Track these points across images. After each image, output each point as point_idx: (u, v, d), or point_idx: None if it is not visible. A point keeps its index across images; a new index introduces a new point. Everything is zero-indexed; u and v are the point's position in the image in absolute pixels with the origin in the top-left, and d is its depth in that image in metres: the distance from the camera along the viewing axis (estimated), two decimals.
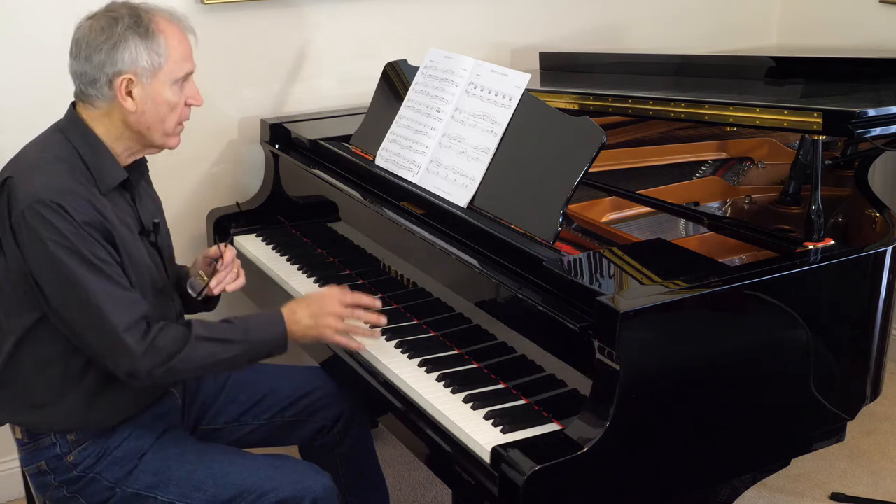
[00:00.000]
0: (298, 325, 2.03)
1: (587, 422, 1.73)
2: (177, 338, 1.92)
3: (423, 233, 2.21)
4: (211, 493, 1.98)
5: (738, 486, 2.02)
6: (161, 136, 1.99)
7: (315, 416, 2.29)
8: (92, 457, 2.01)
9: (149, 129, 1.96)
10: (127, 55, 1.90)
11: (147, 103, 1.93)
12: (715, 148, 2.82)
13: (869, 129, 2.13)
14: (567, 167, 2.03)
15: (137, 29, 1.91)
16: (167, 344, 1.90)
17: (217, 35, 2.84)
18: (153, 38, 1.92)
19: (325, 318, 2.03)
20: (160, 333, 1.90)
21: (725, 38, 3.64)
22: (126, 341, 1.86)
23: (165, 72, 1.94)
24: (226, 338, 1.96)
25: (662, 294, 1.79)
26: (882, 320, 2.05)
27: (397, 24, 3.11)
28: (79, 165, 1.92)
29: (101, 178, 1.94)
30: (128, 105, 1.92)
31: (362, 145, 2.60)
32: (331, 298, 2.06)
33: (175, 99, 1.96)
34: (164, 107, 1.95)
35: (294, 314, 2.03)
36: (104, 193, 1.94)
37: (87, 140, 1.95)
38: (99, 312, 1.85)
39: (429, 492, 2.94)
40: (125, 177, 1.99)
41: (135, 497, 2.00)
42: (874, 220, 2.25)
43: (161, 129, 1.98)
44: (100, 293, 1.85)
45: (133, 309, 1.89)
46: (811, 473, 3.02)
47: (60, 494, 2.03)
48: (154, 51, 1.92)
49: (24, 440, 2.04)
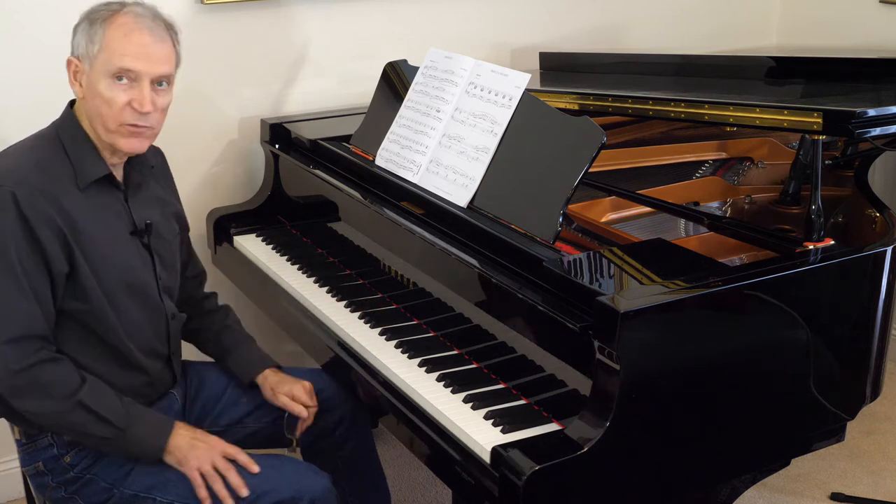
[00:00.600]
0: (177, 438, 1.98)
1: (587, 422, 1.73)
2: (62, 383, 1.89)
3: (423, 233, 2.21)
4: None
5: (738, 486, 2.02)
6: (104, 131, 1.94)
7: (317, 418, 2.27)
8: (89, 458, 2.00)
9: (93, 120, 1.95)
10: (76, 39, 1.94)
11: (88, 91, 1.93)
12: (715, 148, 2.82)
13: (869, 129, 2.13)
14: (567, 167, 2.03)
15: (92, 15, 1.92)
16: (49, 383, 1.88)
17: (217, 35, 2.84)
18: (94, 26, 1.91)
19: (201, 449, 1.98)
20: (47, 364, 1.88)
21: (725, 38, 3.64)
22: (5, 354, 1.84)
23: (100, 62, 1.90)
24: (106, 417, 1.92)
25: (662, 294, 1.78)
26: (882, 320, 2.05)
27: (397, 24, 3.11)
28: (59, 157, 1.93)
29: (82, 172, 1.94)
30: (76, 89, 1.95)
31: (362, 145, 2.60)
32: (217, 442, 2.02)
33: (109, 94, 1.90)
34: (98, 99, 1.92)
35: (179, 429, 1.99)
36: (83, 189, 1.93)
37: (74, 134, 1.96)
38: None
39: (429, 492, 2.94)
40: (105, 172, 1.97)
41: (133, 498, 1.99)
42: (874, 220, 2.25)
43: (101, 123, 1.93)
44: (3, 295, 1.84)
45: (23, 323, 1.86)
46: (811, 473, 3.02)
47: (59, 495, 2.02)
48: (90, 38, 1.91)
49: (23, 440, 2.04)
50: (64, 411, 1.89)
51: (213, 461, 1.97)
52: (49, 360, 1.89)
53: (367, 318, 2.28)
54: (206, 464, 1.97)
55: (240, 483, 1.97)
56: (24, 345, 1.87)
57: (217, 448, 2.00)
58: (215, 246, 2.87)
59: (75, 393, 1.89)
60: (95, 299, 1.95)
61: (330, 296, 2.42)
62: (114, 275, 1.97)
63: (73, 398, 1.89)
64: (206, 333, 2.30)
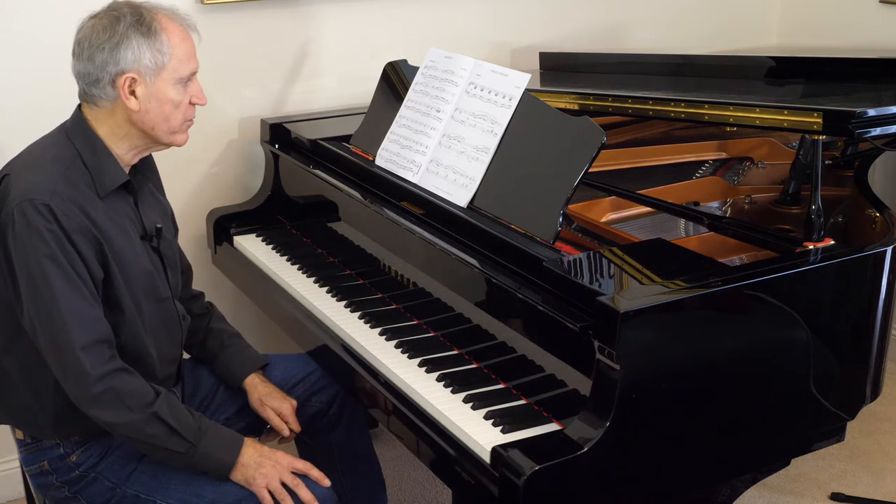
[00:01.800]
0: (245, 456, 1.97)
1: (587, 422, 1.73)
2: (138, 394, 1.89)
3: (423, 233, 2.21)
4: (210, 499, 1.98)
5: (738, 486, 2.02)
6: (167, 134, 1.98)
7: (311, 399, 2.31)
8: (95, 456, 2.01)
9: (153, 128, 1.95)
10: (130, 54, 1.89)
11: (151, 102, 1.93)
12: (715, 148, 2.82)
13: (869, 129, 2.13)
14: (567, 167, 2.03)
15: (140, 27, 1.90)
16: (126, 393, 1.88)
17: (217, 35, 2.84)
18: (156, 37, 1.91)
19: (268, 467, 1.97)
20: (122, 374, 1.88)
21: (725, 38, 3.64)
22: (81, 360, 1.84)
23: (169, 70, 1.93)
24: (180, 431, 1.91)
25: (662, 294, 1.78)
26: (882, 320, 2.05)
27: (397, 24, 3.11)
28: (78, 167, 1.92)
29: (101, 180, 1.93)
30: (131, 104, 1.91)
31: (362, 145, 2.60)
32: (284, 457, 2.01)
33: (179, 98, 1.95)
34: (169, 105, 1.94)
35: (247, 446, 1.99)
36: (102, 197, 1.93)
37: (90, 141, 1.94)
38: (62, 325, 1.83)
39: (429, 492, 2.94)
40: (125, 179, 1.98)
41: (134, 499, 1.99)
42: (874, 220, 2.24)
43: (166, 128, 1.96)
44: (66, 305, 1.84)
45: (95, 329, 1.87)
46: (811, 473, 3.02)
47: (62, 495, 2.02)
48: (157, 49, 1.91)
49: (27, 441, 2.04)
50: (141, 423, 1.88)
51: (282, 478, 1.96)
52: (123, 370, 1.89)
53: (367, 318, 2.28)
54: (274, 481, 1.95)
55: (311, 498, 1.96)
56: (97, 350, 1.86)
57: (284, 464, 1.99)
58: (215, 246, 2.87)
59: (151, 404, 1.89)
60: (127, 307, 1.96)
61: (330, 296, 2.42)
62: (137, 281, 1.98)
63: (150, 409, 1.89)
64: (192, 338, 2.28)
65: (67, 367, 1.85)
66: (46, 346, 1.87)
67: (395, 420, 2.03)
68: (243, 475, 1.96)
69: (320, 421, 2.34)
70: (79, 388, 1.86)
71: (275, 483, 1.95)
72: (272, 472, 1.96)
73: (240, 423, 2.25)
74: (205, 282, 3.01)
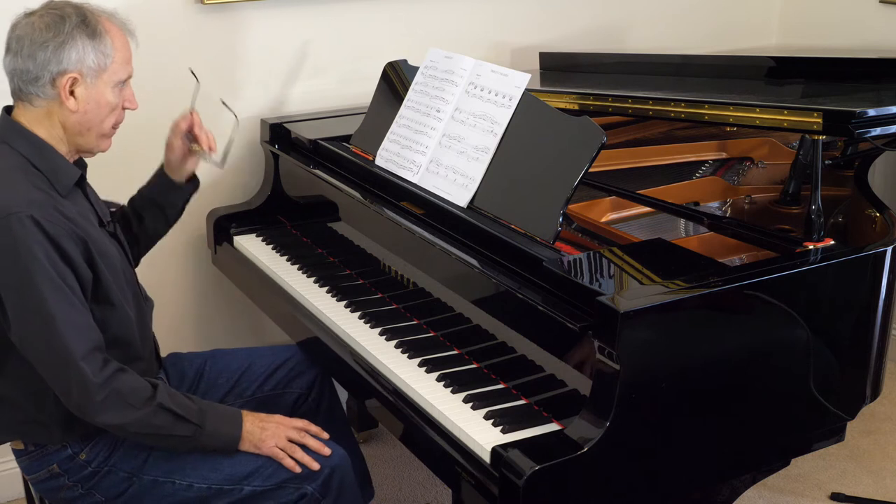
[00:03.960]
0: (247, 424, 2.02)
1: (587, 422, 1.73)
2: (138, 390, 1.90)
3: (423, 233, 2.21)
4: (227, 471, 2.01)
5: (738, 486, 2.02)
6: (97, 137, 1.97)
7: (292, 384, 2.36)
8: (104, 451, 2.01)
9: (88, 129, 1.94)
10: (74, 54, 1.89)
11: (90, 104, 1.92)
12: (715, 148, 2.82)
13: (869, 129, 2.13)
14: (567, 167, 2.03)
15: (85, 28, 1.90)
16: (128, 392, 1.89)
17: (217, 35, 2.84)
18: (101, 39, 1.91)
19: (271, 429, 2.04)
20: (120, 375, 1.89)
21: (725, 38, 3.64)
22: (83, 370, 1.84)
23: (110, 73, 1.93)
24: (184, 416, 1.94)
25: (662, 294, 1.79)
26: (882, 320, 2.05)
27: (397, 24, 3.11)
28: (33, 172, 1.90)
29: (58, 179, 1.92)
30: (69, 104, 1.91)
31: (362, 145, 2.60)
32: (283, 418, 2.08)
33: (115, 101, 1.95)
34: (106, 108, 1.94)
35: (246, 416, 2.04)
36: (64, 195, 1.92)
37: (34, 145, 1.92)
38: (59, 338, 1.83)
39: (429, 492, 2.94)
40: (79, 174, 1.97)
41: (152, 484, 2.01)
42: (874, 220, 2.24)
43: (98, 131, 1.96)
44: (61, 317, 1.83)
45: (89, 337, 1.87)
46: (811, 473, 3.02)
47: (75, 494, 2.03)
48: (101, 51, 1.91)
49: (29, 449, 2.03)
50: (148, 417, 1.90)
51: (287, 435, 2.03)
52: (120, 371, 1.90)
53: (367, 318, 2.28)
54: (281, 440, 2.03)
55: (320, 445, 2.05)
56: (95, 358, 1.87)
57: (286, 423, 2.06)
58: (215, 246, 2.87)
59: (153, 397, 1.91)
60: (115, 299, 1.97)
61: (330, 296, 2.42)
62: (115, 270, 1.99)
63: (153, 402, 1.91)
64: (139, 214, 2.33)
65: (71, 379, 1.85)
66: (44, 361, 1.87)
67: (394, 420, 2.03)
68: (251, 442, 2.02)
69: (303, 405, 2.38)
70: (83, 398, 1.86)
71: (282, 441, 2.03)
72: (277, 432, 2.03)
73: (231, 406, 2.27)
74: (205, 282, 3.02)
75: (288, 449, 2.02)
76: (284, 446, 2.02)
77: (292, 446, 2.03)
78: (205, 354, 2.38)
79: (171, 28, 2.76)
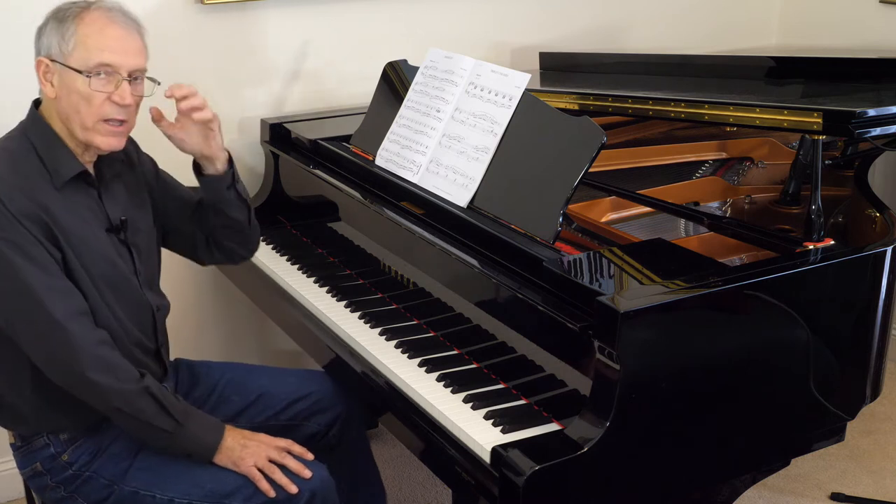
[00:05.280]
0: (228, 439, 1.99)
1: (587, 422, 1.73)
2: (127, 369, 1.90)
3: (423, 233, 2.21)
4: (209, 488, 1.98)
5: (738, 486, 2.02)
6: (80, 128, 1.91)
7: (310, 420, 2.27)
8: (87, 454, 2.00)
9: (68, 118, 1.92)
10: (45, 39, 1.91)
11: (63, 90, 1.91)
12: (715, 148, 2.82)
13: (869, 129, 2.13)
14: (567, 167, 2.03)
15: (57, 14, 1.91)
16: (116, 365, 1.88)
17: (217, 35, 2.84)
18: (64, 24, 1.89)
19: (252, 447, 1.99)
20: (111, 351, 1.89)
21: (725, 38, 3.64)
22: (68, 330, 1.83)
23: (75, 59, 1.88)
24: (168, 409, 1.93)
25: (662, 294, 1.78)
26: (882, 320, 2.05)
27: (397, 24, 3.11)
28: (32, 161, 1.91)
29: (56, 170, 1.92)
30: (47, 90, 1.92)
31: (362, 145, 2.60)
32: (266, 437, 2.04)
33: (85, 89, 1.88)
34: (75, 96, 1.89)
35: (229, 431, 2.01)
36: (59, 188, 1.92)
37: (44, 135, 1.94)
38: (38, 302, 1.83)
39: (429, 492, 2.94)
40: (80, 170, 1.95)
41: (133, 495, 1.99)
42: (874, 220, 2.24)
43: (78, 121, 1.90)
44: (36, 282, 1.83)
45: (71, 299, 1.86)
46: (811, 473, 3.02)
47: (58, 495, 2.02)
48: (62, 36, 1.89)
49: (17, 443, 2.04)
50: (132, 395, 1.89)
51: (268, 454, 1.99)
52: (108, 344, 1.90)
53: (367, 318, 2.28)
54: (261, 459, 1.98)
55: (300, 467, 1.99)
56: (81, 320, 1.87)
57: (268, 442, 2.02)
58: None
59: (140, 380, 1.91)
60: (88, 290, 1.94)
61: (330, 296, 2.42)
62: (97, 270, 1.96)
63: (140, 384, 1.90)
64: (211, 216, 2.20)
65: (54, 341, 1.84)
66: (24, 329, 1.86)
67: (394, 420, 2.03)
68: (229, 457, 1.98)
69: (317, 443, 2.28)
70: (69, 356, 1.85)
71: (262, 460, 1.98)
72: (258, 451, 1.99)
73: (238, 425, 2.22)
74: (205, 282, 3.02)
75: (267, 469, 1.97)
76: (263, 466, 1.97)
77: (271, 467, 1.97)
78: (223, 366, 2.33)
79: (171, 28, 2.75)
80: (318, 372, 2.36)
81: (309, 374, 2.35)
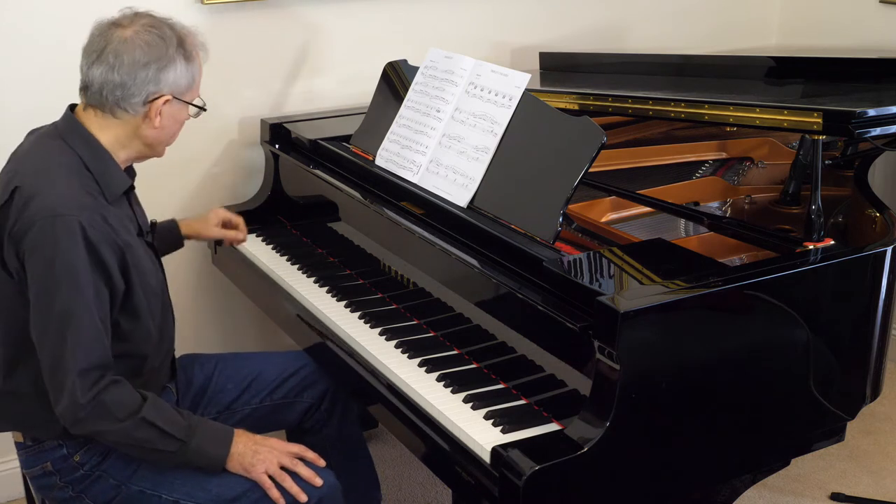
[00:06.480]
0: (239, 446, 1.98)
1: (587, 422, 1.73)
2: (125, 404, 1.89)
3: (423, 233, 2.21)
4: (215, 492, 1.98)
5: (738, 486, 2.02)
6: (163, 148, 2.04)
7: (303, 395, 2.33)
8: (98, 455, 2.01)
9: (160, 143, 2.00)
10: (171, 76, 1.92)
11: (169, 120, 1.96)
12: (715, 148, 2.82)
13: (869, 129, 2.13)
14: (567, 167, 2.03)
15: (183, 51, 1.94)
16: (113, 404, 1.87)
17: (217, 35, 2.83)
18: (192, 62, 1.96)
19: (264, 453, 1.98)
20: (111, 388, 1.87)
21: (725, 38, 3.64)
22: (75, 385, 1.83)
23: (192, 93, 1.99)
24: (169, 431, 1.91)
25: (662, 294, 1.79)
26: (882, 320, 2.05)
27: (397, 24, 3.11)
28: (85, 174, 1.91)
29: (108, 186, 1.93)
30: (156, 122, 1.94)
31: (362, 145, 2.60)
32: (279, 443, 2.03)
33: (186, 118, 2.02)
34: (180, 125, 2.01)
35: (239, 437, 2.00)
36: (111, 202, 1.93)
37: (92, 148, 1.93)
38: (65, 346, 1.83)
39: (429, 492, 2.94)
40: (130, 183, 1.99)
41: (139, 495, 2.00)
42: (874, 220, 2.24)
43: (168, 143, 2.04)
44: (75, 327, 1.83)
45: (96, 355, 1.86)
46: (811, 473, 3.02)
47: (66, 495, 2.02)
48: (192, 74, 1.96)
49: (27, 443, 2.03)
50: (129, 429, 1.88)
51: (280, 461, 1.98)
52: (112, 384, 1.88)
53: (367, 318, 2.28)
54: (272, 465, 1.97)
55: (312, 475, 1.99)
56: (91, 375, 1.86)
57: (280, 448, 2.01)
58: (215, 246, 2.87)
59: (138, 411, 1.89)
60: (142, 312, 1.97)
61: (330, 296, 2.42)
62: (147, 283, 1.98)
63: (137, 416, 1.88)
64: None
65: (64, 388, 1.85)
66: (46, 361, 1.87)
67: (395, 420, 2.03)
68: (240, 464, 1.97)
69: (311, 416, 2.36)
70: (67, 410, 1.86)
71: (273, 467, 1.97)
72: (270, 457, 1.98)
73: (232, 417, 2.27)
74: (205, 282, 3.02)
75: (277, 476, 1.96)
76: (274, 473, 1.96)
77: (282, 474, 1.97)
78: (216, 357, 2.37)
79: None
80: (303, 351, 2.42)
81: (295, 353, 2.41)
